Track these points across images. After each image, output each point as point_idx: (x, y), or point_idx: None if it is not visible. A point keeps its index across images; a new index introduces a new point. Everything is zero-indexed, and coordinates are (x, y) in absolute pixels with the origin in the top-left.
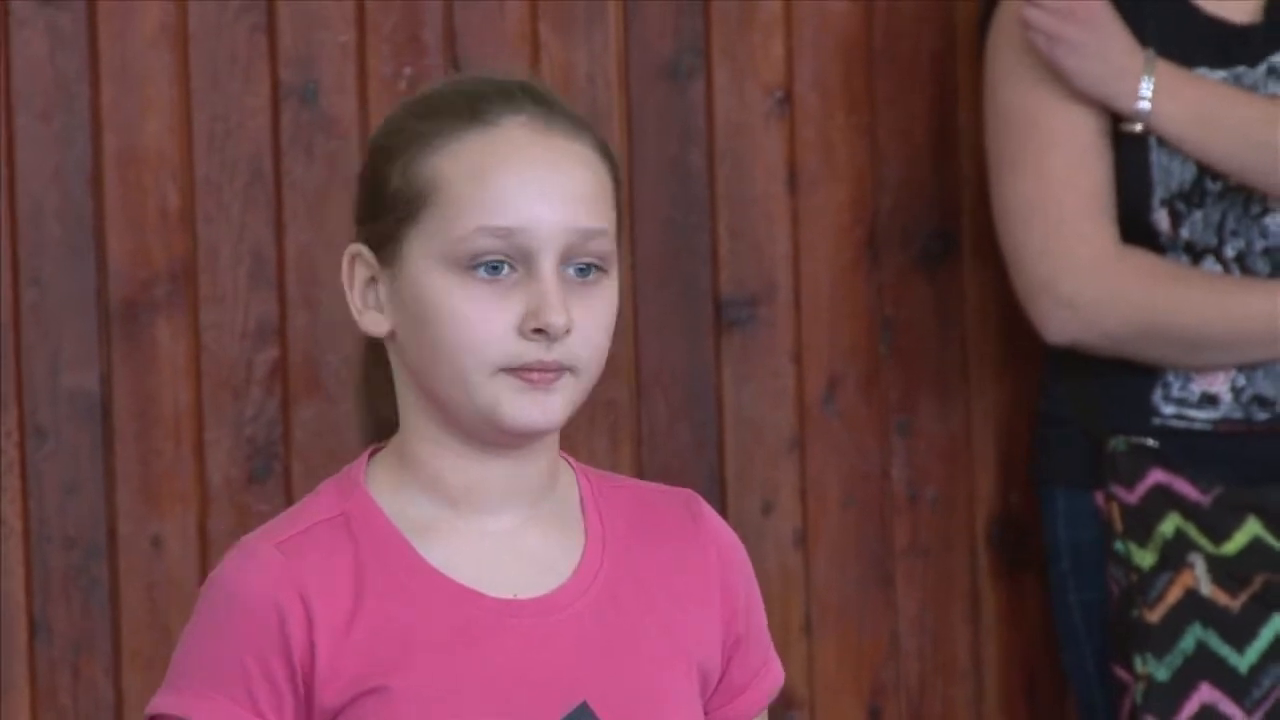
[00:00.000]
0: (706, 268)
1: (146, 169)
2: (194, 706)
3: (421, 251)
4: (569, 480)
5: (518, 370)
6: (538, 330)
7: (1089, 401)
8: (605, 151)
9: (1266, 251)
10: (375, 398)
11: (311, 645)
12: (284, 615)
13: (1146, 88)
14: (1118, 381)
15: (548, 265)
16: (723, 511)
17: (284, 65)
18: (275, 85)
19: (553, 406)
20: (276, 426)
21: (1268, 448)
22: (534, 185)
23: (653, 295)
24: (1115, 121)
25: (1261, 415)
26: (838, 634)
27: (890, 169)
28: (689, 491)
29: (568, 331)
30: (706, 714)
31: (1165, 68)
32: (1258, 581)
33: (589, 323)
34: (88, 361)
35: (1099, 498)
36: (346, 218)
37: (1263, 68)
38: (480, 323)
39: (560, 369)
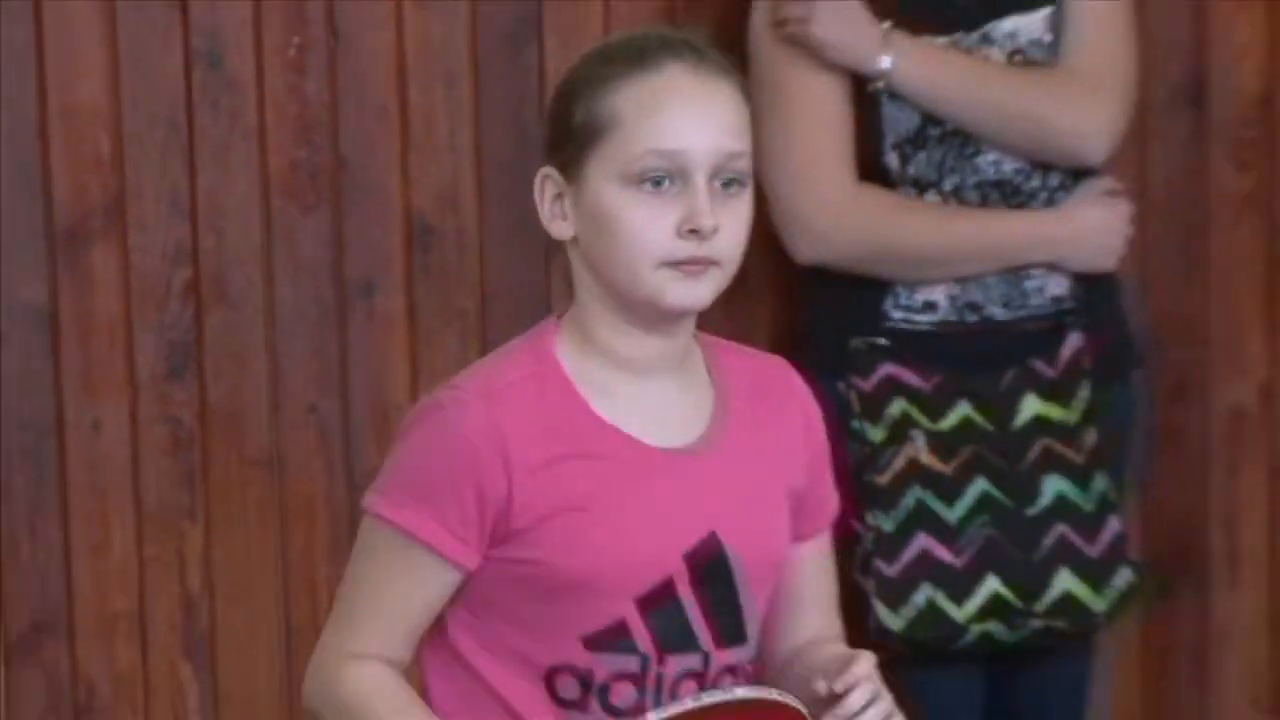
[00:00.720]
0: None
1: (84, 122)
2: (404, 517)
3: (600, 171)
4: (697, 352)
5: (676, 264)
6: (692, 231)
7: (834, 310)
8: (746, 91)
9: (978, 185)
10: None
11: (509, 482)
12: (486, 457)
13: (886, 57)
14: (855, 293)
15: (700, 180)
16: None
17: (195, 35)
18: (187, 52)
19: (702, 292)
20: (191, 331)
21: (978, 344)
22: (692, 117)
23: (498, 221)
24: (856, 82)
25: (972, 318)
26: None
27: None
28: (783, 360)
29: (715, 231)
30: (794, 535)
31: (900, 38)
32: (966, 452)
33: (732, 225)
34: (38, 279)
35: (841, 386)
36: (247, 161)
37: (976, 35)
38: (647, 226)
39: (709, 262)
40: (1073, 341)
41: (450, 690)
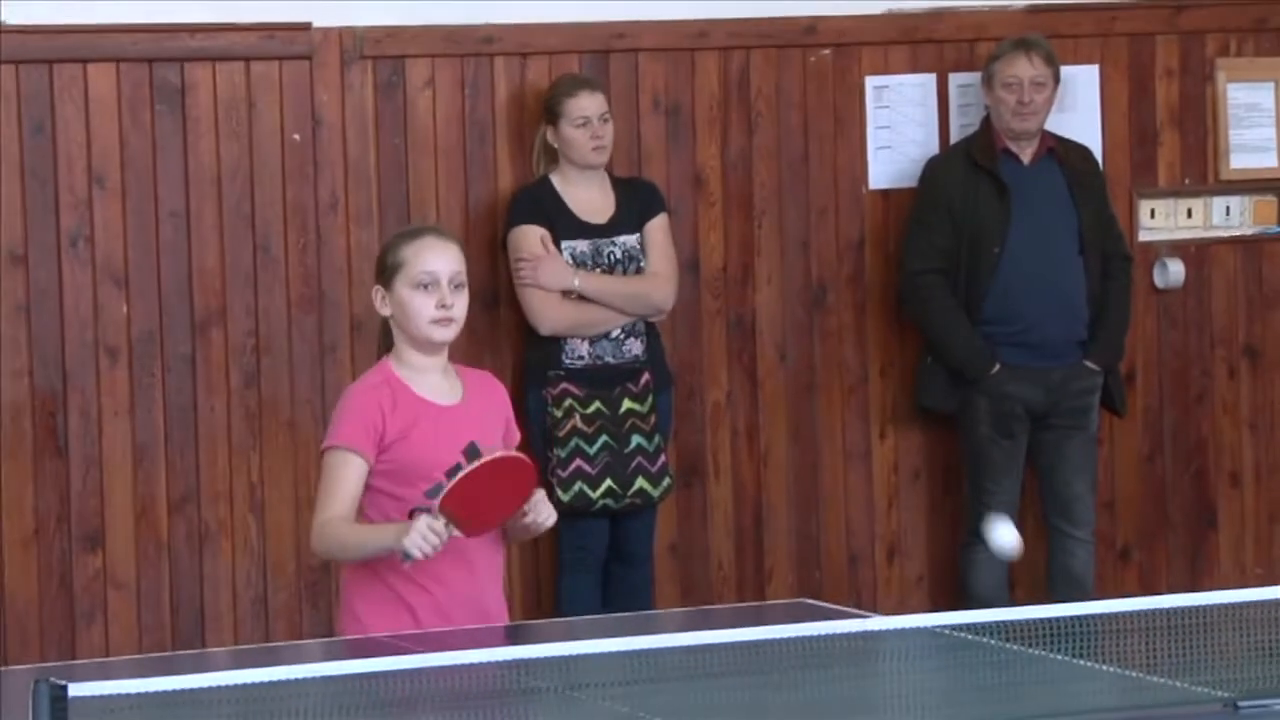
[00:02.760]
0: None
1: None
2: (339, 439)
3: (401, 281)
4: (450, 366)
5: (435, 321)
6: (442, 306)
7: (539, 353)
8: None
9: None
10: (385, 339)
11: (384, 422)
12: (377, 409)
13: (576, 281)
14: (547, 345)
15: (444, 282)
16: None
17: None
18: None
19: (449, 334)
20: None
21: (603, 373)
22: (440, 255)
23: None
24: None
25: (599, 361)
26: None
27: None
28: (489, 373)
29: (452, 306)
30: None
31: (582, 273)
32: (598, 423)
33: (460, 304)
34: None
35: (543, 391)
36: None
37: (607, 243)
38: (424, 305)
39: (450, 320)
40: (645, 374)
41: (356, 577)
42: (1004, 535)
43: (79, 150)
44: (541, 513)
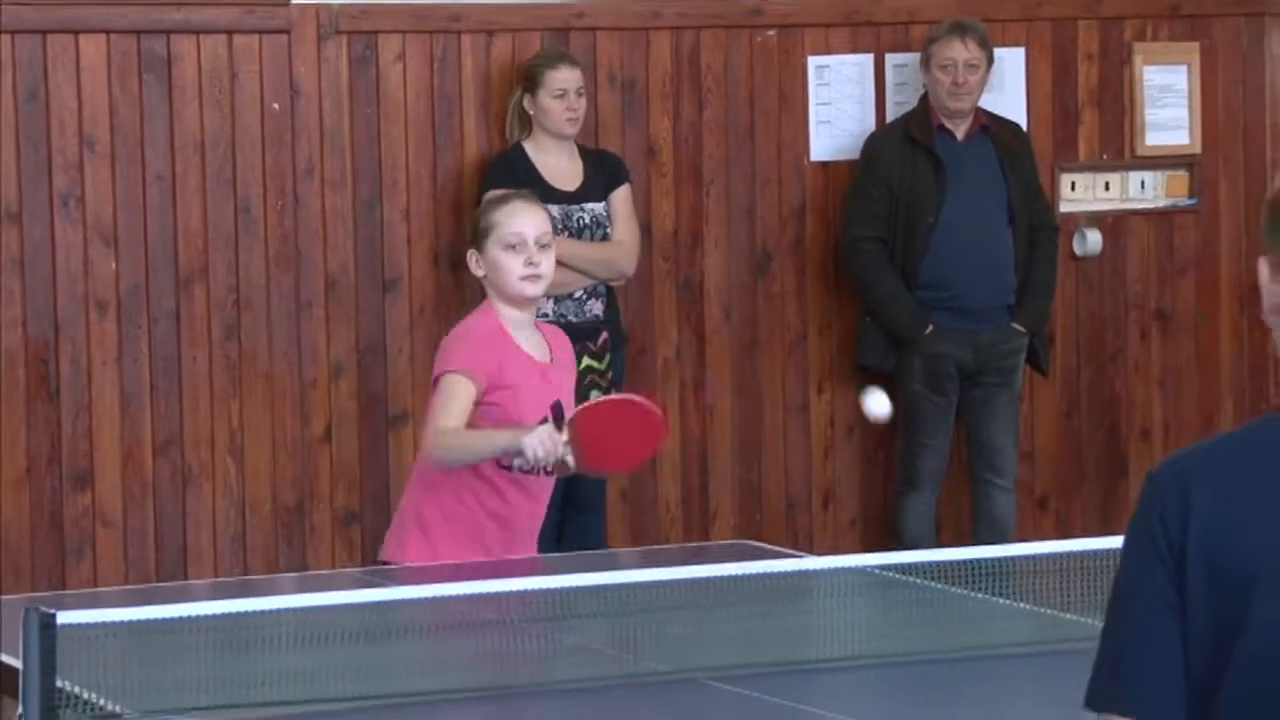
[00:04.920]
0: None
1: None
2: (455, 366)
3: (492, 242)
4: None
5: (524, 278)
6: (529, 264)
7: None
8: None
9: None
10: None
11: (499, 367)
12: (494, 353)
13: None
14: None
15: (530, 243)
16: None
17: None
18: None
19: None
20: None
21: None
22: (528, 217)
23: None
24: None
25: (563, 321)
26: None
27: None
28: (560, 329)
29: (539, 265)
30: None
31: (556, 238)
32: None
33: (547, 262)
34: None
35: None
36: None
37: (576, 209)
38: (514, 263)
39: (537, 277)
40: (603, 333)
41: (436, 500)
42: (878, 402)
43: (71, 116)
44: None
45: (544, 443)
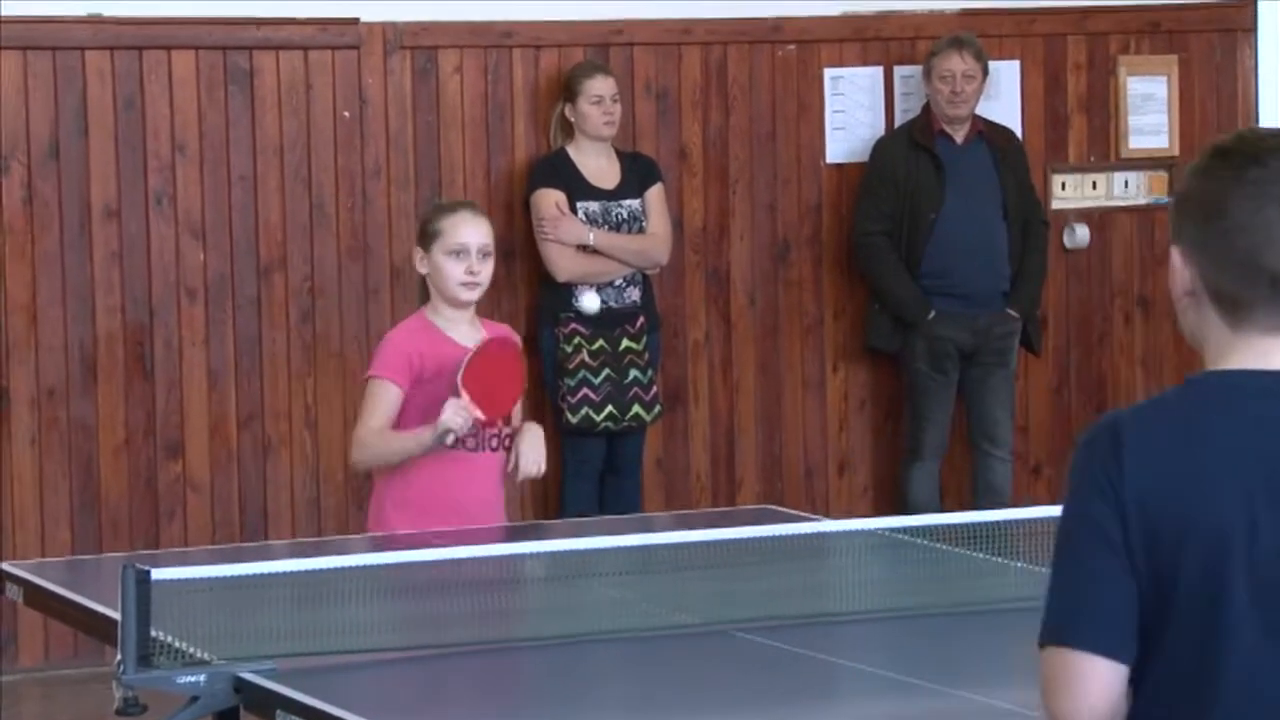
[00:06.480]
0: None
1: None
2: (379, 371)
3: (438, 248)
4: (475, 319)
5: (463, 284)
6: (469, 272)
7: (552, 298)
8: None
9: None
10: (423, 290)
11: (420, 361)
12: (414, 349)
13: (592, 236)
14: (562, 291)
15: (473, 252)
16: None
17: None
18: None
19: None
20: None
21: (607, 316)
22: (471, 229)
23: None
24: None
25: (605, 306)
26: None
27: None
28: (507, 326)
29: (478, 274)
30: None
31: (596, 230)
32: (601, 357)
33: (485, 269)
34: None
35: (555, 330)
36: None
37: (615, 205)
38: (456, 269)
39: (476, 284)
40: (640, 318)
41: (388, 486)
42: (588, 300)
43: (164, 123)
44: (528, 457)
45: (458, 413)
